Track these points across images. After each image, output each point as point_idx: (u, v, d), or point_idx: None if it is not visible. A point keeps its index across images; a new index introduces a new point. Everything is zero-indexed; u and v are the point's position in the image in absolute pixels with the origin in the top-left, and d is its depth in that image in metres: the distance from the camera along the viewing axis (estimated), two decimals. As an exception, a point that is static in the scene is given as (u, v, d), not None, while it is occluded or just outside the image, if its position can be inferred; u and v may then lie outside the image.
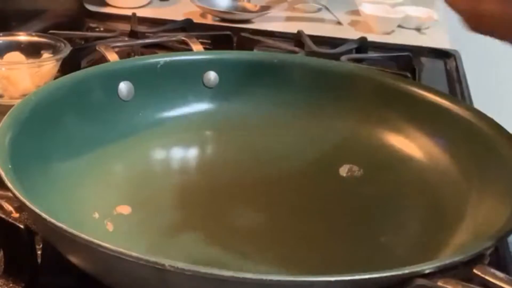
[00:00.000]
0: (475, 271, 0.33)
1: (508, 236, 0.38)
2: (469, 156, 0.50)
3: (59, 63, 0.69)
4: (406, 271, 0.32)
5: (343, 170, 0.54)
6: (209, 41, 0.87)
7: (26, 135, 0.46)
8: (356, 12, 1.10)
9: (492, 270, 0.33)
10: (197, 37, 0.68)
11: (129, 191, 0.50)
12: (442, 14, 1.12)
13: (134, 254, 0.32)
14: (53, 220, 0.35)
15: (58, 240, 0.38)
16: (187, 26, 0.95)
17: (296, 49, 0.85)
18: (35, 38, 0.72)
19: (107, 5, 1.09)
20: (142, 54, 0.80)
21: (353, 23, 1.08)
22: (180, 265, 0.31)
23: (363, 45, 0.90)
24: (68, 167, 0.49)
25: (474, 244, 0.35)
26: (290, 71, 0.61)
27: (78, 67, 0.73)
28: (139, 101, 0.58)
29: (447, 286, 0.32)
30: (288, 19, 1.09)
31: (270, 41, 0.88)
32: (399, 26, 1.04)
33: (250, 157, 0.56)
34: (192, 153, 0.57)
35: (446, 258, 0.33)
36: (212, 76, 0.61)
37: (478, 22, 0.40)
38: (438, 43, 0.97)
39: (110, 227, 0.45)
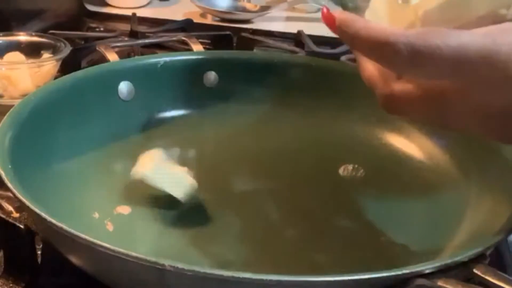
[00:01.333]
0: (475, 271, 0.33)
1: (508, 236, 0.38)
2: (469, 156, 0.50)
3: (59, 63, 0.69)
4: (406, 271, 0.32)
5: (343, 170, 0.54)
6: (209, 41, 0.87)
7: (26, 135, 0.46)
8: (356, 12, 1.10)
9: (492, 270, 0.33)
10: (197, 37, 0.68)
11: (129, 191, 0.50)
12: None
13: (134, 254, 0.32)
14: (53, 220, 0.35)
15: (58, 240, 0.38)
16: (187, 26, 0.95)
17: (296, 49, 0.85)
18: (35, 38, 0.72)
19: (107, 5, 1.09)
20: (142, 54, 0.80)
21: (353, 23, 1.08)
22: (180, 265, 0.31)
23: (363, 45, 0.90)
24: (68, 167, 0.49)
25: (474, 244, 0.35)
26: (290, 71, 0.61)
27: (78, 67, 0.73)
28: (139, 101, 0.58)
29: (447, 286, 0.32)
30: (288, 19, 1.09)
31: (270, 41, 0.88)
32: (399, 26, 1.04)
33: (250, 157, 0.56)
34: (192, 153, 0.57)
35: (446, 258, 0.33)
36: (212, 76, 0.61)
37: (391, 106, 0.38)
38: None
39: (110, 227, 0.45)
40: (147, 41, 0.84)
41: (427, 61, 0.33)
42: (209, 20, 1.06)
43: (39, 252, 0.42)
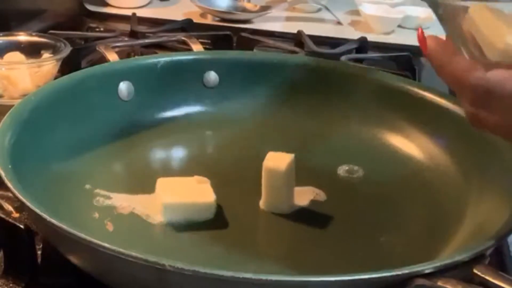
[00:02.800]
0: (475, 271, 0.33)
1: (508, 236, 0.38)
2: (469, 156, 0.50)
3: (59, 63, 0.69)
4: (406, 271, 0.32)
5: (343, 170, 0.54)
6: (209, 41, 0.87)
7: (26, 135, 0.46)
8: (356, 12, 1.10)
9: (492, 270, 0.33)
10: (197, 37, 0.68)
11: (129, 191, 0.49)
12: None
13: (134, 254, 0.32)
14: (53, 220, 0.35)
15: (58, 240, 0.38)
16: (187, 26, 0.95)
17: (296, 49, 0.85)
18: (35, 38, 0.72)
19: (107, 5, 1.09)
20: (142, 54, 0.80)
21: (353, 23, 1.08)
22: (180, 265, 0.31)
23: (363, 45, 0.90)
24: (68, 167, 0.49)
25: (474, 244, 0.35)
26: (290, 71, 0.61)
27: (78, 67, 0.73)
28: (139, 101, 0.58)
29: (447, 286, 0.32)
30: (288, 19, 1.09)
31: (270, 41, 0.88)
32: (399, 26, 1.04)
33: (250, 157, 0.56)
34: (192, 153, 0.57)
35: (446, 258, 0.34)
36: (212, 76, 0.61)
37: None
38: (438, 43, 0.97)
39: (110, 227, 0.45)
40: (147, 41, 0.84)
41: (501, 107, 0.35)
42: (209, 20, 1.06)
43: (39, 252, 0.42)
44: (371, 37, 0.94)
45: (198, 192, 0.48)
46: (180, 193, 0.47)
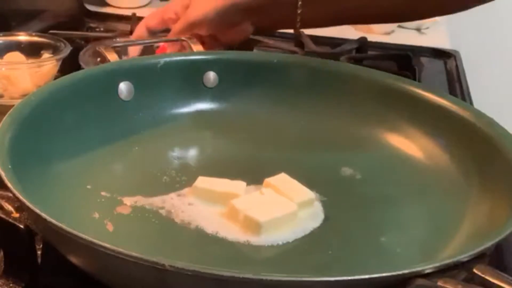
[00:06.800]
0: (475, 271, 0.33)
1: (508, 236, 0.38)
2: (469, 156, 0.50)
3: (59, 63, 0.69)
4: (406, 271, 0.32)
5: (343, 170, 0.54)
6: (209, 41, 0.87)
7: (26, 135, 0.46)
8: (356, 12, 1.10)
9: (492, 270, 0.33)
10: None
11: (129, 191, 0.49)
12: (442, 14, 1.11)
13: (134, 254, 0.32)
14: (53, 220, 0.35)
15: (58, 240, 0.38)
16: (187, 26, 0.95)
17: (296, 49, 0.85)
18: (35, 38, 0.72)
19: (107, 5, 1.09)
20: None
21: (353, 23, 1.08)
22: (180, 265, 0.31)
23: (363, 45, 0.90)
24: (68, 167, 0.49)
25: (474, 244, 0.35)
26: (290, 71, 0.61)
27: (78, 67, 0.73)
28: (139, 101, 0.58)
29: (447, 286, 0.32)
30: (288, 19, 1.09)
31: (270, 41, 0.88)
32: (399, 26, 1.04)
33: (250, 157, 0.56)
34: (192, 153, 0.57)
35: (446, 258, 0.33)
36: (212, 76, 0.61)
37: None
38: (438, 43, 0.97)
39: (110, 227, 0.45)
40: (147, 41, 0.84)
41: None
42: (209, 20, 1.06)
43: (39, 252, 0.42)
44: (371, 37, 0.94)
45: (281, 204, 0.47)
46: (269, 209, 0.46)
